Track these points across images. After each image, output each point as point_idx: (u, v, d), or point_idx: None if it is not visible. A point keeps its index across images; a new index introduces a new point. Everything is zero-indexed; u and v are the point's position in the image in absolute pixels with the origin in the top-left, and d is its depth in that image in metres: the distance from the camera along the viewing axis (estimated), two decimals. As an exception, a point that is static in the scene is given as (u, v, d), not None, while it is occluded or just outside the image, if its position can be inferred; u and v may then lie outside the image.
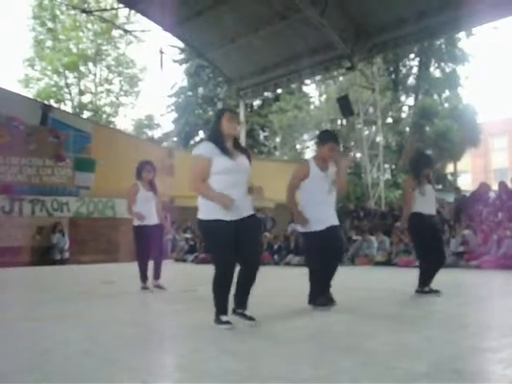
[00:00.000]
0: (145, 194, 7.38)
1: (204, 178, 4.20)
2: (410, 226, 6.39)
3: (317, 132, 27.37)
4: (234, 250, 4.19)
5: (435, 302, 5.69)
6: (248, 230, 4.31)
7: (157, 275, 7.52)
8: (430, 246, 6.20)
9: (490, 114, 63.86)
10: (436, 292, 6.16)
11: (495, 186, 13.90)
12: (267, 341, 3.76)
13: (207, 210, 4.23)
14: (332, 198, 5.37)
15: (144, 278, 7.46)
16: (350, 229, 14.83)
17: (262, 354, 3.34)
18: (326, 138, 5.46)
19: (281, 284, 8.72)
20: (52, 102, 31.07)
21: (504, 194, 13.09)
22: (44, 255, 15.42)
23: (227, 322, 4.20)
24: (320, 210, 5.19)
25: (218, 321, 4.21)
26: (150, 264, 7.50)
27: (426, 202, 6.26)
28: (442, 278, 6.23)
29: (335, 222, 5.28)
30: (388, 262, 12.36)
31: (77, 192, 17.75)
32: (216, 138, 4.27)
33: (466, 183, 26.36)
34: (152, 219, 7.40)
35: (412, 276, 6.41)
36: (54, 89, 34.75)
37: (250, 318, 4.34)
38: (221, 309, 4.23)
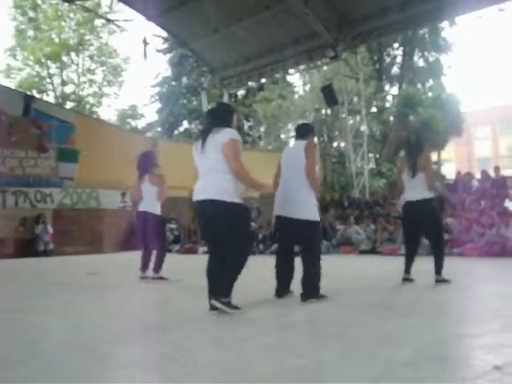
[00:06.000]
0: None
1: None
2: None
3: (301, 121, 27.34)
4: None
5: (419, 289, 5.74)
6: None
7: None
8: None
9: (473, 103, 64.49)
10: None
11: (479, 175, 14.02)
12: (253, 329, 3.78)
13: (237, 196, 4.31)
14: None
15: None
16: (334, 218, 14.87)
17: (248, 342, 3.35)
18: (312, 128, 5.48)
19: (266, 273, 8.73)
20: (34, 93, 30.78)
21: (486, 182, 13.23)
22: (28, 247, 15.28)
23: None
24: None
25: (235, 307, 4.26)
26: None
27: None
28: (426, 266, 6.29)
29: None
30: (372, 251, 12.46)
31: (60, 183, 17.63)
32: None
33: (450, 172, 26.48)
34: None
35: (396, 264, 6.45)
36: (36, 79, 34.36)
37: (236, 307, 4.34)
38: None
